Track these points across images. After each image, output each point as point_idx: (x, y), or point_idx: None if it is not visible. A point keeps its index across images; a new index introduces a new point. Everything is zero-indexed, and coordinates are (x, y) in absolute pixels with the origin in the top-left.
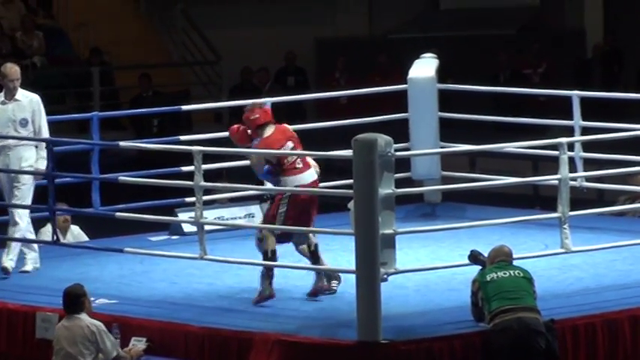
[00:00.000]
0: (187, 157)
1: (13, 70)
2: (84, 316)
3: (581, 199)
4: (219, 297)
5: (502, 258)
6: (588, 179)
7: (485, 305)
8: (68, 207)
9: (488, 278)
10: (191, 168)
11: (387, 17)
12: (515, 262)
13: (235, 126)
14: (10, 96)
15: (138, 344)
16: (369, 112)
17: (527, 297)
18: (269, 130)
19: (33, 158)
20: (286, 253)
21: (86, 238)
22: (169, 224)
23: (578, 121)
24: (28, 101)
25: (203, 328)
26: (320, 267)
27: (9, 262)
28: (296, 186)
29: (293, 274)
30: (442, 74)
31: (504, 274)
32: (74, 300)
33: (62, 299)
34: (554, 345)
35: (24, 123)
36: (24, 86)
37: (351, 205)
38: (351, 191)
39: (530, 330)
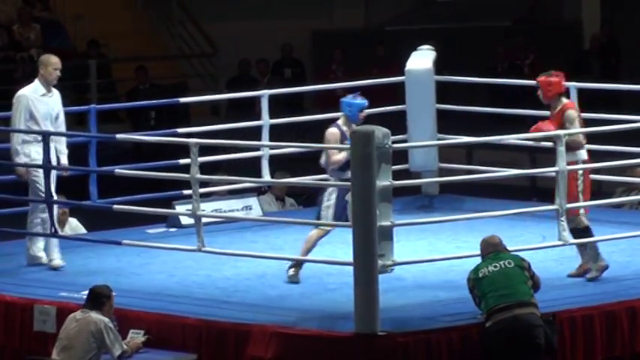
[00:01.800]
0: (185, 150)
1: (57, 59)
2: (95, 314)
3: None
4: (216, 289)
5: (491, 250)
6: None
7: (481, 303)
8: (66, 199)
9: (480, 274)
10: (188, 160)
11: (383, 9)
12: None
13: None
14: (49, 88)
15: (136, 337)
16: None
17: (520, 290)
18: (565, 99)
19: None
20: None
21: (84, 231)
22: (167, 217)
23: None
24: (58, 95)
25: (201, 320)
26: (317, 259)
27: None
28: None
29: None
30: (438, 66)
31: (495, 267)
32: (96, 298)
33: (87, 294)
34: (553, 339)
35: (57, 117)
36: (22, 80)
37: (348, 197)
38: (348, 183)
39: (527, 326)
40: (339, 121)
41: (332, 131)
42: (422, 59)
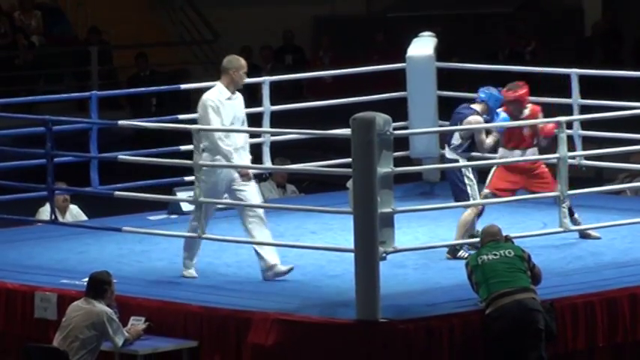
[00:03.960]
0: (186, 136)
1: (245, 61)
2: (98, 303)
3: (579, 177)
4: (217, 276)
5: (490, 239)
6: (587, 157)
7: (479, 290)
8: (67, 186)
9: (479, 261)
10: (190, 147)
11: None
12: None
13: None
14: (234, 91)
15: (137, 324)
16: (367, 90)
17: (520, 277)
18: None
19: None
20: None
21: (85, 218)
22: (168, 203)
23: (576, 99)
24: (241, 98)
25: (202, 307)
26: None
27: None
28: None
29: (291, 252)
30: (446, 53)
31: (495, 255)
32: (97, 285)
33: (87, 282)
34: (552, 325)
35: (243, 121)
36: (24, 66)
37: (349, 184)
38: (349, 170)
39: (529, 310)
40: (478, 108)
41: (478, 119)
42: (423, 46)
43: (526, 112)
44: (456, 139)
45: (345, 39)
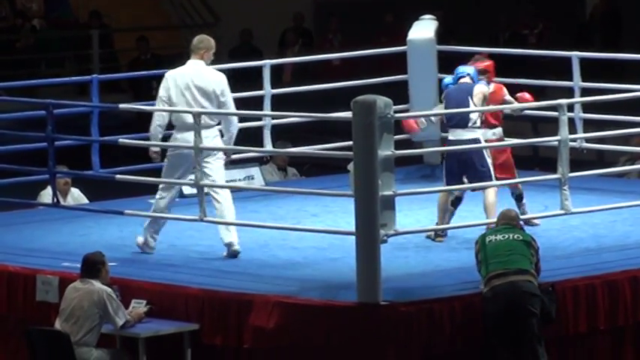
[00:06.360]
0: None
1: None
2: (96, 282)
3: (580, 160)
4: (218, 259)
5: (505, 221)
6: (588, 140)
7: (481, 268)
8: (68, 169)
9: (487, 240)
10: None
11: None
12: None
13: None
14: None
15: (138, 307)
16: (369, 73)
17: (520, 260)
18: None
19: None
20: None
21: (86, 201)
22: None
23: (577, 82)
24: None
25: (203, 290)
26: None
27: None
28: None
29: (292, 235)
30: (446, 36)
31: (503, 237)
32: (91, 266)
33: (80, 264)
34: (552, 308)
35: None
36: (24, 48)
37: (350, 166)
38: (350, 153)
39: (522, 293)
40: (468, 81)
41: (485, 88)
42: (424, 29)
43: (491, 87)
44: (475, 115)
45: (347, 22)
